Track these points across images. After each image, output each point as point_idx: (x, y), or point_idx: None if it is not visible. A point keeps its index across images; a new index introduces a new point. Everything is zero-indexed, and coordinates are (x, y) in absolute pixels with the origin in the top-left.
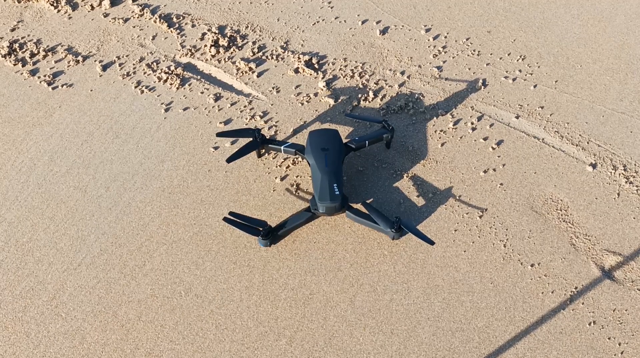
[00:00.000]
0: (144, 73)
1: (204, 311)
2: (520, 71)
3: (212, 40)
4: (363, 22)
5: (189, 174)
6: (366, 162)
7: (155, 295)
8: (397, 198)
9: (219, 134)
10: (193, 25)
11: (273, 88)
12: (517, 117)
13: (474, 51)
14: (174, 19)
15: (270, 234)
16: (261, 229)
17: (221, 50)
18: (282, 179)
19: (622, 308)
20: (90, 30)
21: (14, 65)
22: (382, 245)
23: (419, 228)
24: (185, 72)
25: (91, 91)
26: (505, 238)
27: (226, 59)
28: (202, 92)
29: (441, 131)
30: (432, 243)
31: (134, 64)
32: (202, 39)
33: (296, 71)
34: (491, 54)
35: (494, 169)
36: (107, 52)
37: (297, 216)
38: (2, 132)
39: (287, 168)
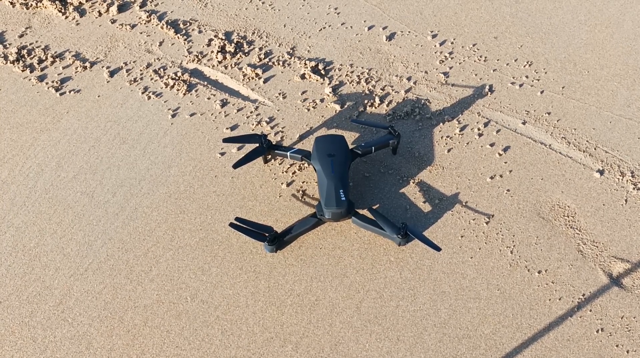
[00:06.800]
0: (151, 79)
1: (209, 317)
2: (527, 76)
3: (218, 47)
4: (369, 28)
5: (196, 179)
6: (372, 168)
7: (161, 301)
8: (403, 203)
9: (226, 140)
10: (200, 32)
11: (279, 94)
12: (524, 123)
13: (481, 56)
14: (181, 25)
15: (277, 240)
16: (267, 235)
17: (228, 56)
18: (288, 185)
19: (630, 315)
20: (97, 36)
21: (22, 71)
22: (388, 251)
23: (425, 234)
24: (192, 78)
25: (98, 96)
26: (512, 245)
27: (233, 65)
28: (208, 98)
29: (447, 137)
30: (438, 249)
31: (141, 70)
32: (208, 45)
33: (302, 76)
34: (498, 60)
35: (501, 176)
36: (114, 58)
37: (303, 222)
38: (10, 138)
39: (293, 173)
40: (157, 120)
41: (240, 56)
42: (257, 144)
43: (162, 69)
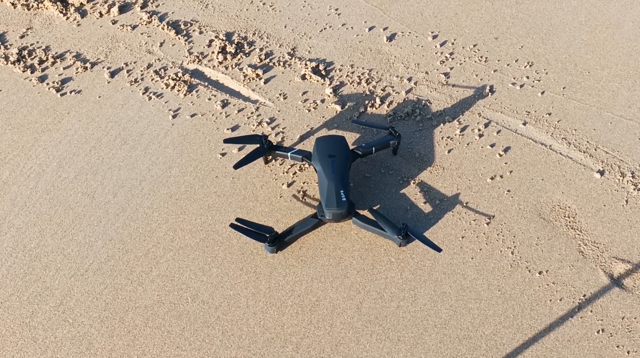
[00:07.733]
0: (152, 80)
1: (210, 318)
2: (527, 77)
3: (219, 47)
4: (370, 29)
5: (196, 180)
6: (373, 168)
7: (161, 301)
8: (404, 204)
9: (226, 141)
10: (200, 32)
11: (280, 95)
12: (524, 124)
13: (481, 57)
14: (182, 26)
15: (277, 240)
16: (268, 235)
17: (228, 57)
18: (288, 185)
19: (631, 316)
20: (98, 37)
21: (23, 72)
22: (389, 252)
23: (426, 235)
24: (192, 79)
25: (99, 97)
26: (512, 245)
27: (233, 66)
28: (209, 99)
29: (448, 137)
30: (439, 250)
31: (141, 71)
32: (209, 45)
33: (303, 77)
34: (498, 61)
35: (501, 176)
36: (115, 58)
37: (304, 223)
38: (11, 139)
39: (293, 174)
40: (157, 121)
41: (241, 57)
42: (258, 145)
43: (162, 70)
